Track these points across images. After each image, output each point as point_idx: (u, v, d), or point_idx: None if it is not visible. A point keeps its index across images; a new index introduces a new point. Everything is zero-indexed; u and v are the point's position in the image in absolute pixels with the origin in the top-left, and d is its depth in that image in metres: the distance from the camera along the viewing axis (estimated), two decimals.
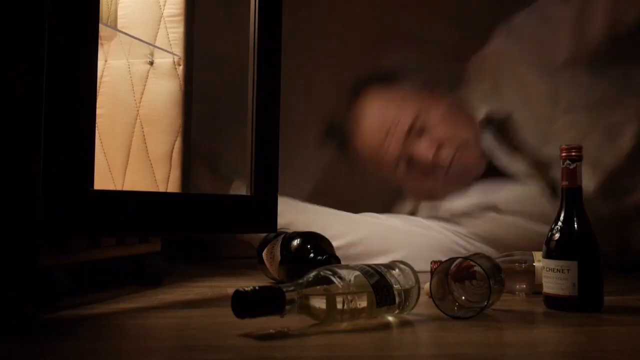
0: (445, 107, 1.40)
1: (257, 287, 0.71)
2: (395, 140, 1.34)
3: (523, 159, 1.37)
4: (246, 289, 0.71)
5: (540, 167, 1.33)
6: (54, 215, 0.79)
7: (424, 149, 1.32)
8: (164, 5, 1.22)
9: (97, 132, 1.17)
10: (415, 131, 1.34)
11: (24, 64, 0.78)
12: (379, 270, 0.82)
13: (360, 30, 1.64)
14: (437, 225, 1.38)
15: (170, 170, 1.22)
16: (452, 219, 1.38)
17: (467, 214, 1.37)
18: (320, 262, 1.05)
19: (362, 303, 0.77)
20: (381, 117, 1.36)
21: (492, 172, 1.40)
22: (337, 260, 1.07)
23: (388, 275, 0.82)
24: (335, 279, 0.77)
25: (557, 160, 0.95)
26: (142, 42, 1.20)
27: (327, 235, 1.14)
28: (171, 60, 1.22)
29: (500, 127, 1.39)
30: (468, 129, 1.36)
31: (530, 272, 1.06)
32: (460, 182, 1.36)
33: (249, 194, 1.12)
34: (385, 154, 1.35)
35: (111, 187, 1.22)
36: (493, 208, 1.36)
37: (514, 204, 1.34)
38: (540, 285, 0.95)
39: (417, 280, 0.86)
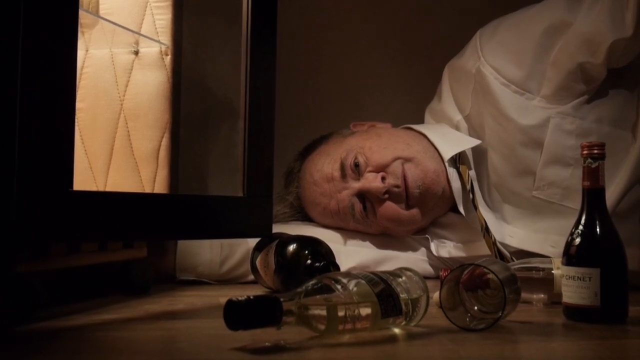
0: (378, 134, 1.41)
1: (251, 297, 0.71)
2: (336, 188, 1.36)
3: None
4: (240, 298, 0.70)
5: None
6: (29, 218, 0.78)
7: (371, 181, 1.33)
8: None
9: (77, 127, 1.17)
10: (350, 170, 1.35)
11: None
12: (384, 278, 0.81)
13: None
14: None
15: (157, 170, 1.21)
16: None
17: None
18: (318, 269, 1.05)
19: (366, 313, 0.77)
20: (319, 176, 1.39)
21: None
22: (337, 267, 1.07)
23: (394, 284, 0.82)
24: (336, 288, 0.76)
25: None
26: (126, 30, 1.20)
27: None
28: (158, 49, 1.21)
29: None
30: (411, 145, 1.37)
31: (548, 281, 1.05)
32: (431, 200, 1.36)
33: (241, 194, 1.12)
34: (339, 209, 1.37)
35: (92, 188, 1.22)
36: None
37: None
38: (560, 295, 0.95)
39: (426, 289, 0.86)
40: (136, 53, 1.23)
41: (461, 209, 1.35)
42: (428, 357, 0.74)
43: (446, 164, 1.36)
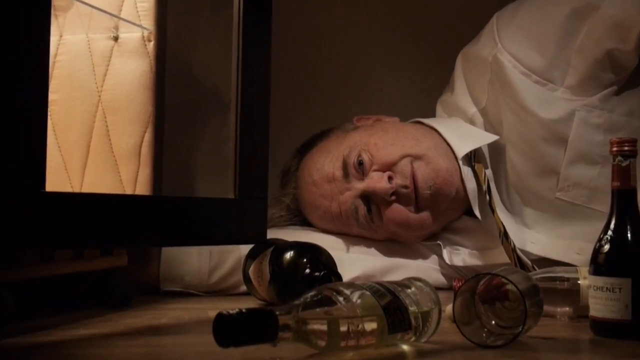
0: (385, 129, 1.41)
1: (243, 310, 0.71)
2: (338, 189, 1.36)
3: None
4: (231, 311, 0.70)
5: None
6: None
7: (377, 181, 1.33)
8: None
9: (50, 122, 1.17)
10: (354, 169, 1.34)
11: None
12: (391, 289, 0.81)
13: None
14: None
15: (138, 168, 1.21)
16: None
17: None
18: (318, 279, 1.05)
19: (371, 329, 0.77)
20: (319, 176, 1.39)
21: None
22: (339, 277, 1.07)
23: (402, 295, 0.81)
24: (338, 300, 0.76)
25: None
26: (104, 13, 1.19)
27: None
28: (140, 35, 1.21)
29: None
30: (421, 141, 1.37)
31: (574, 292, 1.05)
32: (443, 202, 1.36)
33: (233, 196, 1.12)
34: (341, 212, 1.37)
35: (67, 189, 1.22)
36: None
37: None
38: (587, 308, 0.95)
39: (438, 301, 0.86)
40: (115, 39, 1.22)
41: (477, 212, 1.35)
42: None
43: (460, 162, 1.36)
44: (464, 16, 1.78)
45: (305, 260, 1.09)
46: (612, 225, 0.94)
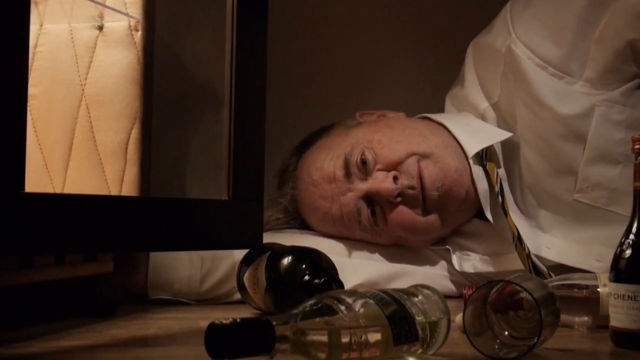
0: (389, 126, 1.41)
1: (237, 320, 0.71)
2: (339, 189, 1.36)
3: None
4: (224, 321, 0.70)
5: None
6: None
7: (381, 181, 1.32)
8: None
9: (29, 117, 1.17)
10: (356, 168, 1.34)
11: None
12: (396, 297, 0.81)
13: None
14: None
15: (124, 167, 1.21)
16: None
17: None
18: (318, 287, 1.05)
19: (375, 340, 0.77)
20: (319, 175, 1.39)
21: None
22: (340, 284, 1.07)
23: (409, 304, 0.81)
24: (339, 309, 0.76)
25: None
26: (88, 1, 1.20)
27: None
28: (126, 24, 1.21)
29: None
30: (428, 138, 1.37)
31: (593, 300, 1.05)
32: (453, 204, 1.36)
33: (226, 197, 1.12)
34: (342, 215, 1.37)
35: (48, 190, 1.22)
36: None
37: None
38: (607, 317, 0.95)
39: (447, 311, 0.86)
40: (100, 28, 1.23)
41: (488, 215, 1.35)
42: None
43: (470, 161, 1.36)
44: (476, 4, 1.78)
45: (304, 266, 1.09)
46: (634, 229, 0.94)
